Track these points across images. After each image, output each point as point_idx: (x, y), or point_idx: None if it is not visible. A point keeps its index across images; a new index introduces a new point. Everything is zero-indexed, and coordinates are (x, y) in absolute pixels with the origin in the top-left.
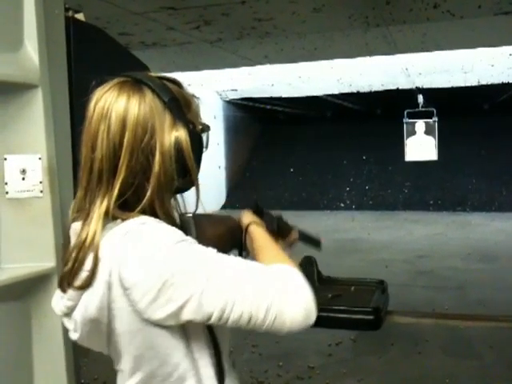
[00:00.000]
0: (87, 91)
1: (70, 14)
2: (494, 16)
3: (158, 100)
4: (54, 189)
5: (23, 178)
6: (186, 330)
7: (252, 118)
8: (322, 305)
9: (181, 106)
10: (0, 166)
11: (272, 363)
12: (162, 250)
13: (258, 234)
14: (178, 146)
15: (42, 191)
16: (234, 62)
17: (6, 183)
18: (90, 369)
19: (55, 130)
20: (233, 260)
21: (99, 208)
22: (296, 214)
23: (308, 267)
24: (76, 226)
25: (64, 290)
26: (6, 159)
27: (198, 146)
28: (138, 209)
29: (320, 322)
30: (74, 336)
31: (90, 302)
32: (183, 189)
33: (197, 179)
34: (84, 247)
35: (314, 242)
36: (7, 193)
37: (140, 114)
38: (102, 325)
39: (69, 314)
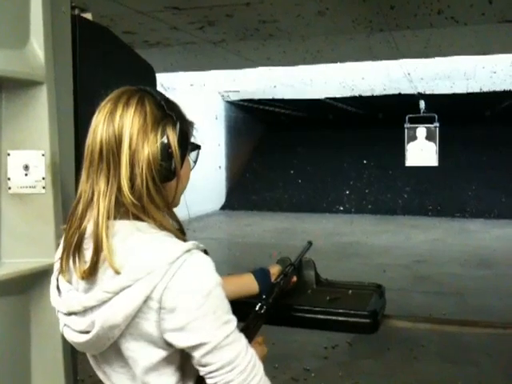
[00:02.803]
0: (92, 89)
1: (76, 12)
2: (498, 23)
3: (154, 101)
4: (57, 185)
5: (26, 174)
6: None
7: (253, 119)
8: (319, 307)
9: (173, 107)
10: (3, 162)
11: (267, 365)
12: (205, 288)
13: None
14: (166, 135)
15: (44, 187)
16: (237, 63)
17: (9, 179)
18: (85, 366)
19: (59, 127)
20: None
21: (107, 189)
22: (295, 216)
23: (307, 270)
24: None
25: (87, 281)
26: (9, 155)
27: (184, 140)
28: (144, 200)
29: (317, 325)
30: (81, 338)
31: (120, 309)
32: (168, 176)
33: (179, 168)
34: (99, 240)
35: (306, 250)
36: (10, 188)
37: (137, 109)
38: (118, 330)
39: (80, 313)
